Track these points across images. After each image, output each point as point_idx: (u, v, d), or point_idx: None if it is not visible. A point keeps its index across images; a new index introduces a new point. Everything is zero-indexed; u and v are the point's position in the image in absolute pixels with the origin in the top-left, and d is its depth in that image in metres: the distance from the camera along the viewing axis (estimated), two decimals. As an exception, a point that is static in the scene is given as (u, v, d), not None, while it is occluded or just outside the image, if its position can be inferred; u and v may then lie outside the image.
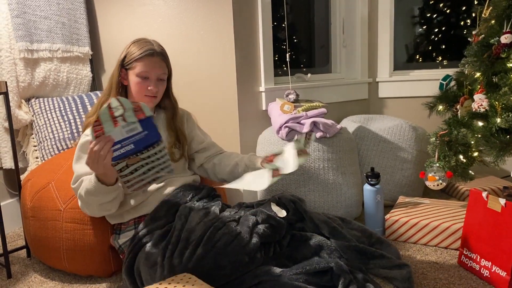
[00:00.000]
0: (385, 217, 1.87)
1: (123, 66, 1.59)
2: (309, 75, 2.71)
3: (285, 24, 2.51)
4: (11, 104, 2.00)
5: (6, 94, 1.75)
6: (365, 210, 1.92)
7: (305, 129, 2.04)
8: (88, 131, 1.55)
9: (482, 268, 1.48)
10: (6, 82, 1.74)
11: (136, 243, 1.46)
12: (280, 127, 2.09)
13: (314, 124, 2.05)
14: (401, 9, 2.97)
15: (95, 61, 2.48)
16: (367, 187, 1.90)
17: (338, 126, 2.11)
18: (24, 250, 1.89)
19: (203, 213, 1.47)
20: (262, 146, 2.18)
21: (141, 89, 1.57)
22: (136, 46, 1.57)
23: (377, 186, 1.88)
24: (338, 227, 1.58)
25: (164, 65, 1.60)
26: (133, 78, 1.57)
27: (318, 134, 2.04)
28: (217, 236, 1.33)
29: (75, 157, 1.54)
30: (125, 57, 1.58)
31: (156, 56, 1.57)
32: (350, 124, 2.46)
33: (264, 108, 2.38)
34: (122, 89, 1.62)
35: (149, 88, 1.57)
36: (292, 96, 2.26)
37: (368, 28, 2.91)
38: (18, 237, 2.07)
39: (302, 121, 2.08)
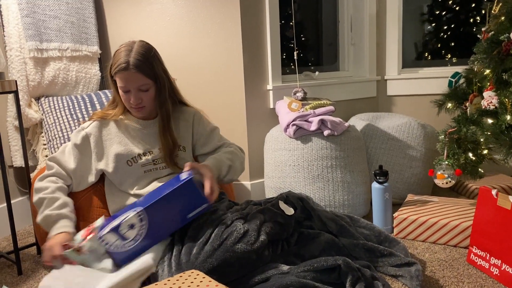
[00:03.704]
0: (394, 215, 1.87)
1: (111, 76, 1.58)
2: (317, 73, 2.70)
3: (292, 22, 2.51)
4: (21, 103, 2.02)
5: (16, 93, 1.77)
6: (373, 208, 1.91)
7: (313, 127, 2.04)
8: (85, 124, 1.63)
9: (492, 266, 1.47)
10: (16, 81, 1.75)
11: None
12: (288, 125, 2.09)
13: (322, 122, 2.05)
14: (410, 7, 2.95)
15: (104, 60, 2.49)
16: (375, 185, 1.89)
17: (346, 124, 2.11)
18: (34, 247, 1.91)
19: (210, 211, 1.48)
20: (270, 144, 2.18)
21: (126, 102, 1.59)
22: (114, 58, 1.54)
23: (385, 184, 1.87)
24: (346, 225, 1.58)
25: (140, 76, 1.51)
26: (119, 90, 1.58)
27: (326, 132, 2.03)
28: (225, 233, 1.34)
29: (70, 136, 1.63)
30: (111, 67, 1.56)
31: (130, 69, 1.50)
32: (358, 122, 2.45)
33: (271, 106, 2.38)
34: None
35: (130, 101, 1.56)
36: (299, 94, 2.25)
37: (377, 25, 2.90)
38: (29, 235, 2.10)
39: (310, 119, 2.08)
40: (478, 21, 2.84)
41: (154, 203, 1.35)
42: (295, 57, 2.38)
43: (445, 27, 2.99)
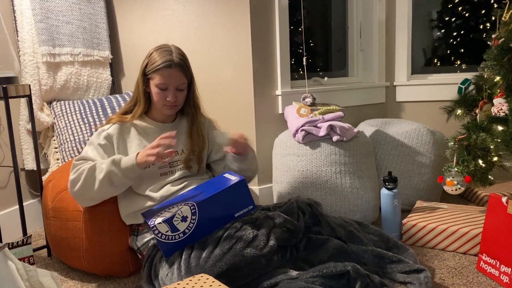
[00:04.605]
0: (403, 221, 1.86)
1: (145, 74, 1.61)
2: (326, 78, 2.71)
3: (302, 28, 2.52)
4: (33, 106, 2.05)
5: (29, 97, 1.80)
6: (382, 215, 1.91)
7: (322, 132, 2.04)
8: (105, 127, 1.63)
9: (502, 274, 1.46)
10: (29, 85, 1.78)
11: (153, 248, 1.49)
12: (297, 131, 2.10)
13: (331, 127, 2.05)
14: (419, 13, 2.95)
15: (115, 65, 2.52)
16: (384, 191, 1.89)
17: (355, 130, 2.11)
18: (45, 249, 1.93)
19: None
20: (279, 150, 2.19)
21: (160, 99, 1.61)
22: (156, 56, 1.58)
23: (394, 190, 1.87)
24: (355, 231, 1.58)
25: (182, 76, 1.60)
26: (153, 88, 1.60)
27: (335, 138, 2.03)
28: (234, 238, 1.35)
29: (89, 141, 1.63)
30: (146, 66, 1.60)
31: (174, 67, 1.57)
32: (367, 128, 2.45)
33: (280, 112, 2.39)
34: (148, 96, 1.66)
35: (167, 99, 1.59)
36: (308, 100, 2.26)
37: (386, 31, 2.90)
38: (39, 237, 2.12)
39: (318, 125, 2.09)
40: (488, 27, 2.83)
41: (207, 199, 1.41)
42: (304, 63, 2.39)
43: (455, 34, 2.98)
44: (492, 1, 2.80)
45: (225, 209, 1.44)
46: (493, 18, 2.76)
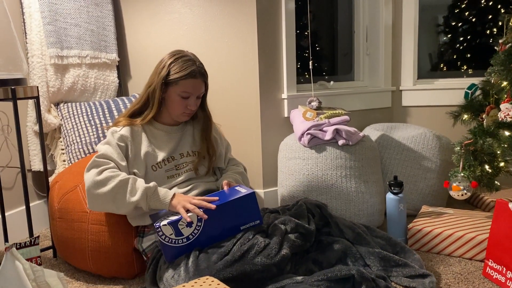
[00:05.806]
0: (408, 226, 1.86)
1: (166, 83, 1.59)
2: (331, 82, 2.71)
3: (308, 32, 2.52)
4: (41, 108, 2.06)
5: (37, 99, 1.81)
6: (388, 219, 1.90)
7: (328, 136, 2.04)
8: (117, 128, 1.62)
9: (508, 280, 1.45)
10: (37, 87, 1.80)
11: (158, 250, 1.49)
12: (302, 134, 2.10)
13: (337, 131, 2.05)
14: (426, 18, 2.95)
15: (122, 67, 2.53)
16: (390, 195, 1.88)
17: (361, 134, 2.11)
18: (51, 250, 1.94)
19: None
20: (284, 153, 2.19)
21: (180, 107, 1.62)
22: (179, 65, 1.57)
23: (400, 195, 1.86)
24: (362, 233, 1.58)
25: (203, 85, 1.64)
26: (173, 96, 1.60)
27: (341, 142, 2.03)
28: (246, 246, 1.35)
29: (104, 140, 1.61)
30: (167, 74, 1.58)
31: (198, 77, 1.59)
32: (373, 132, 2.45)
33: (286, 115, 2.39)
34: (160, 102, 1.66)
35: (188, 107, 1.61)
36: (314, 104, 2.26)
37: (392, 36, 2.90)
38: (45, 238, 2.13)
39: (324, 129, 2.09)
40: (495, 32, 2.82)
41: (215, 208, 1.40)
42: (310, 67, 2.39)
43: (461, 38, 2.98)
44: (499, 6, 2.79)
45: (231, 220, 1.43)
46: (500, 23, 2.77)
